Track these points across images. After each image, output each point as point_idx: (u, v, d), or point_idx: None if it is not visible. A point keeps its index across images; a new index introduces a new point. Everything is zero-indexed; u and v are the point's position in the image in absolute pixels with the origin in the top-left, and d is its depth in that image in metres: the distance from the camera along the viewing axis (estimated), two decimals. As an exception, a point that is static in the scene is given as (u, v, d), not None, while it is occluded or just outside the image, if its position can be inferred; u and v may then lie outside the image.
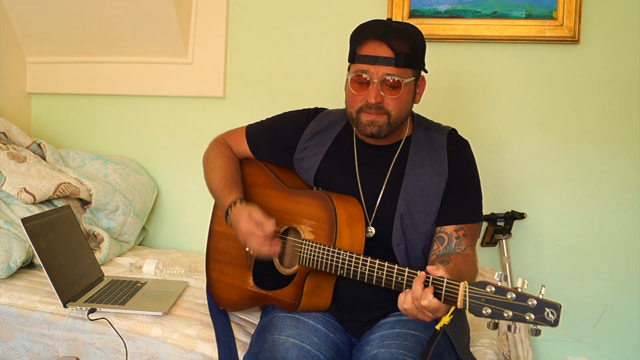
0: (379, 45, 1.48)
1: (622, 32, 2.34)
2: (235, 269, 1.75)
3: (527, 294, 1.15)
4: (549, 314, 1.12)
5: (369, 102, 1.49)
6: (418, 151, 1.60)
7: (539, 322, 1.13)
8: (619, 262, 2.40)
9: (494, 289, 1.17)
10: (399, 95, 1.49)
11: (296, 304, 1.56)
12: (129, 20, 2.65)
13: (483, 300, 1.18)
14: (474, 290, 1.19)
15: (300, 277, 1.57)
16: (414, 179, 1.57)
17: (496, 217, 2.43)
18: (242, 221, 1.58)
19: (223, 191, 1.70)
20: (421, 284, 1.27)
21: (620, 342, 2.41)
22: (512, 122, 2.48)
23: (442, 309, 1.26)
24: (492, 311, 1.17)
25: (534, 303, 1.13)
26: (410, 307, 1.28)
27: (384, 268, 1.38)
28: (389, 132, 1.54)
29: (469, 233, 1.56)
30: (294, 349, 1.46)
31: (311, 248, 1.52)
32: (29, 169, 2.35)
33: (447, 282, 1.24)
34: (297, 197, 1.63)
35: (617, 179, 2.39)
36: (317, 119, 1.72)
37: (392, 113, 1.51)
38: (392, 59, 1.47)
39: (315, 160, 1.66)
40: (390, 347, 1.45)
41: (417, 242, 1.56)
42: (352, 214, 1.54)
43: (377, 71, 1.48)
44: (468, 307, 1.20)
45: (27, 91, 2.95)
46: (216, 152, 1.81)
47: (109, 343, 1.73)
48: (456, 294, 1.22)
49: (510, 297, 1.15)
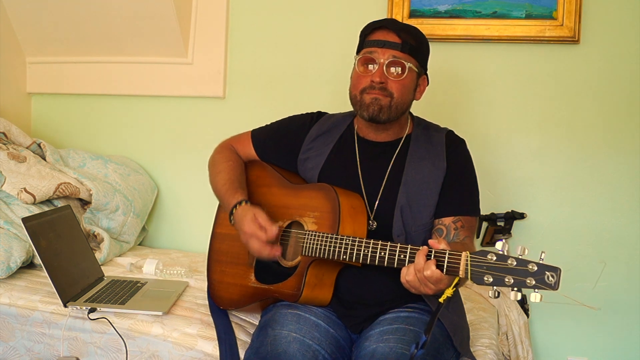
0: (388, 33, 1.59)
1: (622, 32, 2.34)
2: (237, 268, 1.75)
3: (527, 260, 1.18)
4: (549, 277, 1.16)
5: (374, 80, 1.56)
6: (417, 147, 1.65)
7: (540, 286, 1.16)
8: (619, 262, 2.40)
9: (495, 257, 1.20)
10: (402, 78, 1.57)
11: (298, 294, 1.57)
12: (129, 20, 2.65)
13: (485, 267, 1.21)
14: (475, 259, 1.22)
15: (302, 267, 1.58)
16: (413, 172, 1.62)
17: (496, 217, 2.43)
18: (246, 223, 1.60)
19: (228, 192, 1.72)
20: (424, 257, 1.31)
21: (621, 343, 2.41)
22: (511, 122, 2.48)
23: (445, 281, 1.29)
24: (494, 278, 1.20)
25: (534, 268, 1.17)
26: (413, 278, 1.31)
27: (386, 247, 1.40)
28: (389, 117, 1.60)
29: (466, 225, 1.60)
30: (295, 343, 1.47)
31: (314, 238, 1.54)
32: (29, 169, 2.35)
33: (449, 253, 1.27)
34: (300, 192, 1.67)
35: (617, 179, 2.39)
36: (320, 121, 1.78)
37: (395, 96, 1.57)
38: (399, 44, 1.57)
39: (320, 160, 1.71)
40: (389, 342, 1.46)
41: (417, 234, 1.60)
42: (354, 206, 1.58)
43: (384, 53, 1.57)
44: (470, 275, 1.23)
45: (27, 91, 2.95)
46: (222, 156, 1.84)
47: (109, 342, 1.73)
48: (458, 264, 1.25)
49: (511, 263, 1.19)
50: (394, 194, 1.61)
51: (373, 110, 1.58)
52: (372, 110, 1.58)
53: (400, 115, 1.63)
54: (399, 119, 1.65)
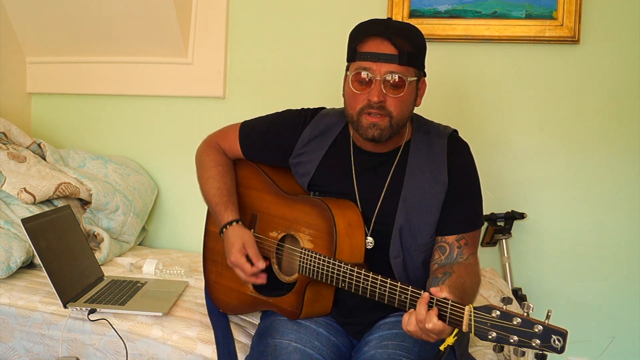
0: (382, 43, 1.43)
1: (622, 32, 2.34)
2: (233, 272, 1.74)
3: (533, 320, 1.12)
4: (556, 341, 1.10)
5: (372, 100, 1.42)
6: (417, 158, 1.55)
7: (545, 350, 1.11)
8: (619, 262, 2.40)
9: (499, 314, 1.15)
10: (402, 94, 1.44)
11: (297, 313, 1.55)
12: (129, 20, 2.65)
13: (489, 324, 1.16)
14: (479, 315, 1.17)
15: (300, 286, 1.55)
16: (413, 187, 1.52)
17: (496, 217, 2.43)
18: (234, 252, 1.60)
19: (219, 205, 1.68)
20: (425, 306, 1.24)
21: (621, 342, 2.41)
22: (512, 122, 2.48)
23: (447, 331, 1.23)
24: (498, 336, 1.15)
25: (540, 329, 1.11)
26: (415, 329, 1.25)
27: (386, 285, 1.33)
28: (390, 136, 1.49)
29: (470, 241, 1.53)
30: (296, 354, 1.45)
31: (311, 258, 1.49)
32: (29, 169, 2.35)
33: (452, 306, 1.21)
34: (294, 204, 1.60)
35: (617, 179, 2.39)
36: (313, 122, 1.66)
37: (394, 114, 1.45)
38: (396, 57, 1.42)
39: (312, 167, 1.62)
40: (387, 348, 1.44)
41: (417, 254, 1.53)
42: (351, 222, 1.51)
43: (380, 69, 1.42)
44: (474, 331, 1.18)
45: (27, 91, 2.95)
46: (210, 159, 1.76)
47: (109, 344, 1.73)
48: (461, 317, 1.19)
49: (516, 323, 1.13)
50: (393, 211, 1.52)
51: (373, 134, 1.46)
52: (372, 134, 1.46)
53: (402, 128, 1.52)
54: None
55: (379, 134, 1.46)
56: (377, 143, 1.51)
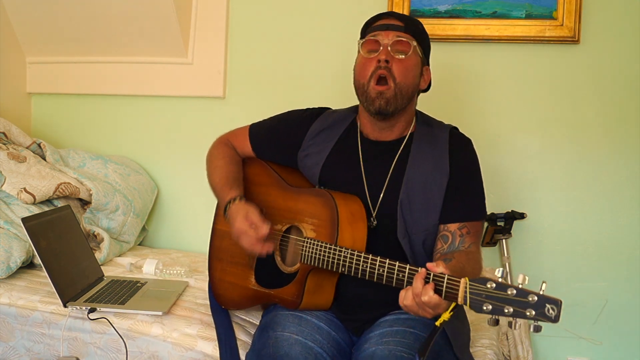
0: (390, 19, 1.60)
1: (622, 32, 2.34)
2: (237, 268, 1.75)
3: (527, 290, 1.15)
4: (550, 310, 1.12)
5: (380, 59, 1.54)
6: (420, 147, 1.63)
7: (540, 318, 1.13)
8: (619, 262, 2.40)
9: (495, 285, 1.17)
10: (406, 57, 1.56)
11: (297, 302, 1.57)
12: (129, 20, 2.65)
13: (484, 296, 1.18)
14: (474, 287, 1.19)
15: (302, 275, 1.57)
16: (415, 172, 1.59)
17: (496, 217, 2.43)
18: (238, 220, 1.60)
19: (223, 188, 1.72)
20: (422, 281, 1.27)
21: (621, 342, 2.41)
22: (512, 122, 2.48)
23: (443, 305, 1.26)
24: (493, 307, 1.17)
25: (534, 299, 1.13)
26: (411, 303, 1.28)
27: (384, 265, 1.38)
28: (397, 107, 1.57)
29: (472, 231, 1.57)
30: (297, 346, 1.46)
31: (313, 246, 1.53)
32: (29, 169, 2.35)
33: (448, 279, 1.24)
34: (299, 196, 1.64)
35: (617, 179, 2.39)
36: (321, 117, 1.75)
37: (398, 80, 1.55)
38: (402, 26, 1.58)
39: (321, 158, 1.69)
40: (388, 344, 1.45)
41: (416, 237, 1.57)
42: (353, 212, 1.55)
43: (388, 34, 1.57)
44: (469, 303, 1.20)
45: (27, 91, 2.95)
46: (218, 151, 1.84)
47: (109, 342, 1.73)
48: (457, 290, 1.22)
49: (511, 293, 1.15)
50: (396, 194, 1.58)
51: (380, 104, 1.56)
52: (379, 104, 1.56)
53: (407, 103, 1.60)
54: (405, 111, 1.62)
55: (385, 104, 1.56)
56: (386, 116, 1.58)
